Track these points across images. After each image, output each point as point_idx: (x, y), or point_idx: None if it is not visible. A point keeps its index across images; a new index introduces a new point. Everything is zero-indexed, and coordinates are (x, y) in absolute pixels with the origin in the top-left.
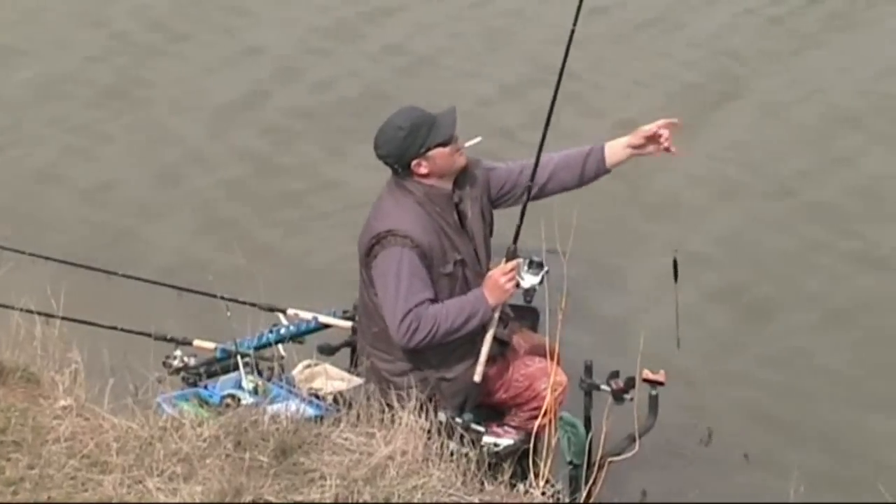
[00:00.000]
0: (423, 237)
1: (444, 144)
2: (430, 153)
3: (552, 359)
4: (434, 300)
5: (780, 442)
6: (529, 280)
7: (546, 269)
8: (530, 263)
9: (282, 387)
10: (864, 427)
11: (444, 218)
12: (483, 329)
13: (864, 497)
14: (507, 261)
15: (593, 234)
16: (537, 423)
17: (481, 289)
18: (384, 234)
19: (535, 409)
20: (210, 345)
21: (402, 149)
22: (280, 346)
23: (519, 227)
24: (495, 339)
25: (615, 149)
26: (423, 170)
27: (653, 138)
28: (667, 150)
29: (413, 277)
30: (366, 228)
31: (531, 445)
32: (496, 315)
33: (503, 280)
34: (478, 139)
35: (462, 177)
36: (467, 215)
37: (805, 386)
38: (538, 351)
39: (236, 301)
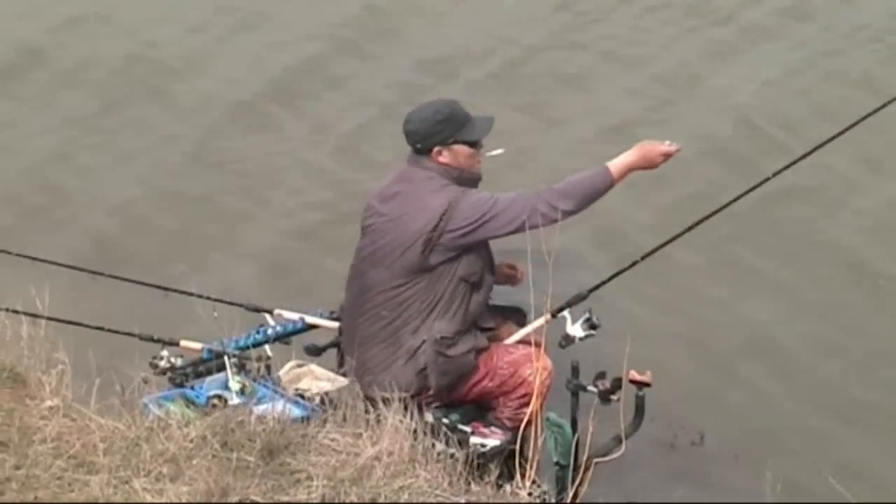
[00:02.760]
0: None
1: (470, 144)
2: (455, 147)
3: (537, 345)
4: None
5: (768, 444)
6: (575, 330)
7: (594, 333)
8: (587, 318)
9: (268, 387)
10: (852, 432)
11: None
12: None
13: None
14: (574, 304)
15: (579, 234)
16: (530, 409)
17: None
18: (446, 206)
19: (523, 395)
20: (196, 345)
21: (433, 132)
22: (266, 346)
23: (604, 283)
24: (482, 328)
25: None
26: (443, 159)
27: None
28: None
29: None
30: (411, 215)
31: (517, 446)
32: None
33: (660, 156)
34: (500, 150)
35: None
36: None
37: (795, 388)
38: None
39: (223, 301)
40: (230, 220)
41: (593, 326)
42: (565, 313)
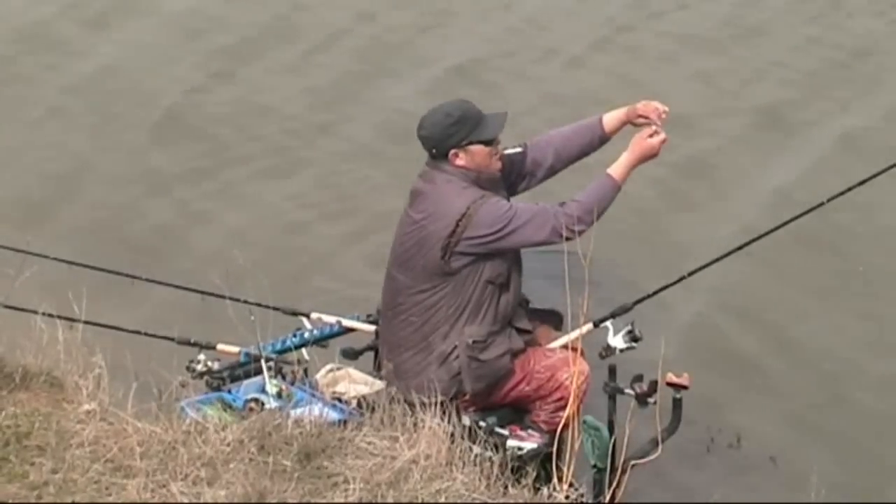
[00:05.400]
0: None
1: (485, 143)
2: (471, 148)
3: (574, 350)
4: None
5: (806, 447)
6: (617, 341)
7: (636, 346)
8: (629, 331)
9: (305, 391)
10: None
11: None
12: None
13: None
14: (618, 315)
15: (615, 236)
16: (566, 412)
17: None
18: (464, 211)
19: (560, 399)
20: (234, 349)
21: (445, 135)
22: (303, 350)
23: (649, 296)
24: (518, 330)
25: (613, 121)
26: (460, 161)
27: (645, 117)
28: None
29: (519, 203)
30: (432, 218)
31: (555, 449)
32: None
33: (659, 145)
34: (519, 148)
35: None
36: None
37: (833, 391)
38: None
39: (260, 305)
40: (268, 223)
41: (635, 339)
42: (608, 323)
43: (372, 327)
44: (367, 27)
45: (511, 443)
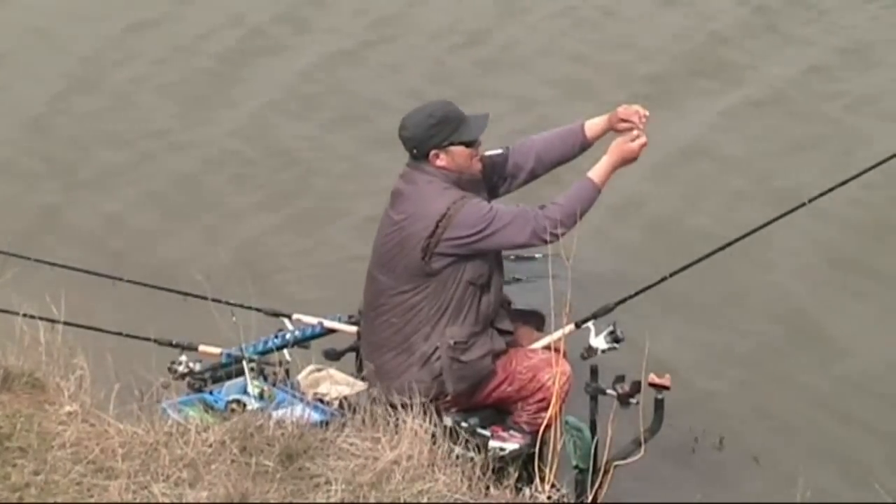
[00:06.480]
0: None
1: (466, 145)
2: (452, 149)
3: (556, 351)
4: None
5: (788, 448)
6: (599, 342)
7: (618, 347)
8: (611, 332)
9: (287, 392)
10: (876, 435)
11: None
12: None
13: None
14: (600, 315)
15: (598, 238)
16: (548, 413)
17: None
18: (444, 211)
19: (542, 400)
20: (215, 350)
21: (427, 136)
22: (285, 351)
23: (631, 297)
24: (500, 331)
25: (594, 128)
26: (441, 162)
27: (627, 121)
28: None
29: (499, 205)
30: (413, 219)
31: (537, 450)
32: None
33: (640, 149)
34: (500, 150)
35: None
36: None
37: (818, 393)
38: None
39: (241, 306)
40: (249, 225)
41: (617, 340)
42: (589, 324)
43: (353, 328)
44: None
45: (493, 443)
